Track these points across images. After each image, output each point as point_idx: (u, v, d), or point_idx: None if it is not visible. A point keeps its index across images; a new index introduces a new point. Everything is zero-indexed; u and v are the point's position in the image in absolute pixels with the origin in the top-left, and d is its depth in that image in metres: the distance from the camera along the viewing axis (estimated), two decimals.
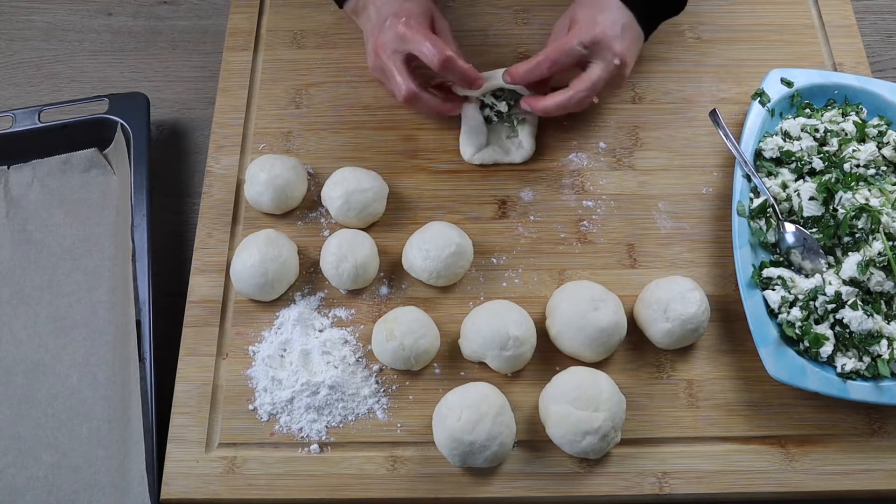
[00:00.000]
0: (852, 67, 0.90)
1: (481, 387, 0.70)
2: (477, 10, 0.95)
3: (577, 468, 0.70)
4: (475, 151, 0.84)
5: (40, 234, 0.83)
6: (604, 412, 0.67)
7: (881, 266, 0.72)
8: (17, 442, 0.73)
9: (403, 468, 0.71)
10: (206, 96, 0.93)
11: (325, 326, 0.76)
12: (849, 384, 0.70)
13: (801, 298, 0.73)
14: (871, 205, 0.74)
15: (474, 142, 0.84)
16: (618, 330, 0.73)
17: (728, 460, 0.71)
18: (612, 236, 0.81)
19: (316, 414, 0.72)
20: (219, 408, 0.73)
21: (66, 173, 0.86)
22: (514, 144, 0.85)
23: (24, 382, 0.76)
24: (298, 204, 0.83)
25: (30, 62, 0.97)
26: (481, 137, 0.84)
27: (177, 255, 0.84)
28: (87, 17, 1.01)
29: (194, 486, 0.70)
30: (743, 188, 0.79)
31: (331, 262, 0.76)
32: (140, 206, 0.81)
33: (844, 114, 0.83)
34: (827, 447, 0.72)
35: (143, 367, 0.73)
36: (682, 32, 0.94)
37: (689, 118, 0.88)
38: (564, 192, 0.84)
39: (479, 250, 0.80)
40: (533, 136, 0.85)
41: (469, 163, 0.85)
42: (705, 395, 0.74)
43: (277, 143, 0.87)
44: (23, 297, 0.80)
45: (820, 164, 0.79)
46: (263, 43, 0.93)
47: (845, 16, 0.94)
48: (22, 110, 0.87)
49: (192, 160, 0.91)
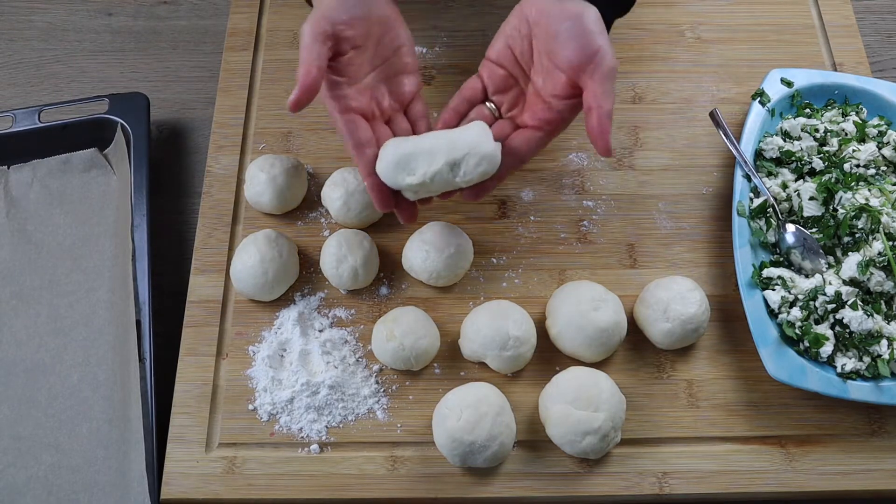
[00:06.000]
0: (852, 67, 0.90)
1: (481, 387, 0.70)
2: (477, 10, 0.95)
3: (577, 468, 0.70)
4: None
5: (40, 234, 0.83)
6: (604, 412, 0.67)
7: (881, 266, 0.72)
8: (17, 442, 0.73)
9: (403, 468, 0.71)
10: (206, 96, 0.93)
11: (325, 326, 0.76)
12: (849, 384, 0.70)
13: (801, 298, 0.73)
14: (871, 205, 0.74)
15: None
16: (618, 330, 0.73)
17: (728, 460, 0.71)
18: (612, 236, 0.81)
19: (316, 414, 0.72)
20: (219, 408, 0.73)
21: (66, 173, 0.86)
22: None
23: (24, 382, 0.76)
24: (298, 204, 0.83)
25: (30, 62, 0.97)
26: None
27: (177, 255, 0.84)
28: (87, 17, 1.01)
29: (194, 486, 0.70)
30: (743, 188, 0.79)
31: (331, 262, 0.76)
32: (140, 206, 0.81)
33: (844, 114, 0.83)
34: (827, 447, 0.72)
35: (143, 367, 0.73)
36: (682, 32, 0.94)
37: (689, 118, 0.88)
38: (564, 192, 0.84)
39: (479, 250, 0.80)
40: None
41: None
42: (705, 395, 0.74)
43: (277, 143, 0.87)
44: (23, 297, 0.80)
45: (820, 164, 0.79)
46: (263, 43, 0.93)
47: (845, 16, 0.94)
48: (22, 110, 0.87)
49: (192, 160, 0.91)
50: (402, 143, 0.68)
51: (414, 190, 0.68)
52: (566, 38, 0.65)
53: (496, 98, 0.72)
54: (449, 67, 0.91)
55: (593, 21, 0.65)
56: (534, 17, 0.68)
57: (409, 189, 0.68)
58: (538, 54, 0.69)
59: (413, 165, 0.66)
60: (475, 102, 0.73)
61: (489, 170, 0.67)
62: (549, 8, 0.67)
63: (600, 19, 0.66)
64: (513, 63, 0.71)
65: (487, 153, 0.66)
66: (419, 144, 0.67)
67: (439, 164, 0.66)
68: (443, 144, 0.67)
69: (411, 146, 0.67)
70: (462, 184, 0.68)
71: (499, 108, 0.72)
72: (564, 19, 0.66)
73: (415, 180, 0.67)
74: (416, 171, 0.66)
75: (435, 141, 0.67)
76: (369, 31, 0.68)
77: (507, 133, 0.70)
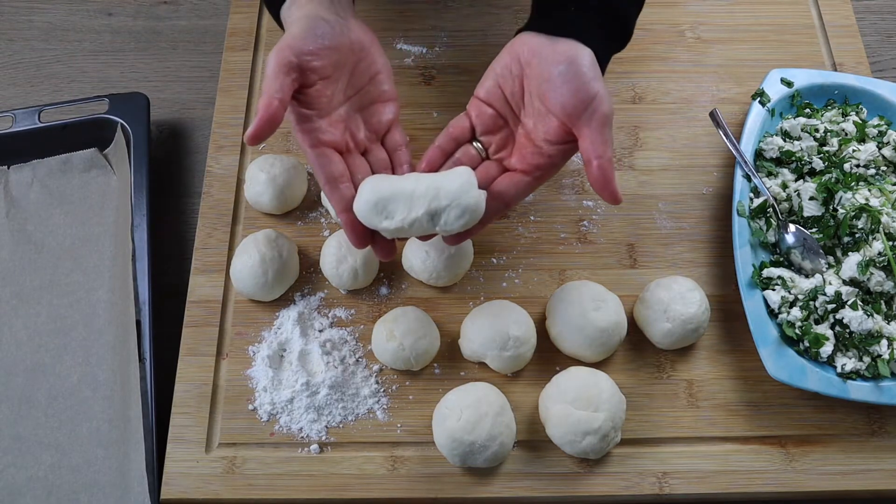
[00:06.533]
0: (852, 67, 0.90)
1: (481, 387, 0.70)
2: (477, 10, 0.95)
3: (577, 468, 0.70)
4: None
5: (40, 234, 0.83)
6: (604, 412, 0.67)
7: (881, 266, 0.72)
8: (17, 442, 0.73)
9: (403, 468, 0.71)
10: (206, 96, 0.93)
11: (324, 326, 0.76)
12: (849, 384, 0.70)
13: (801, 298, 0.73)
14: (871, 205, 0.74)
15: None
16: (618, 330, 0.73)
17: (728, 460, 0.71)
18: (612, 236, 0.81)
19: (316, 414, 0.72)
20: (219, 408, 0.73)
21: (66, 173, 0.86)
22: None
23: (24, 382, 0.76)
24: (298, 204, 0.83)
25: (30, 62, 0.97)
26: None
27: (177, 255, 0.84)
28: (87, 17, 1.01)
29: (194, 486, 0.70)
30: (743, 188, 0.79)
31: (331, 262, 0.76)
32: (140, 206, 0.81)
33: (844, 114, 0.83)
34: (827, 447, 0.72)
35: (143, 367, 0.73)
36: (682, 32, 0.94)
37: (689, 118, 0.88)
38: (564, 192, 0.84)
39: (479, 250, 0.80)
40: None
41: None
42: (705, 395, 0.74)
43: (277, 143, 0.87)
44: (23, 297, 0.80)
45: (820, 164, 0.79)
46: (263, 43, 0.93)
47: (845, 16, 0.94)
48: (22, 110, 0.87)
49: (192, 160, 0.91)
50: (380, 184, 0.64)
51: (391, 232, 0.64)
52: (560, 83, 0.62)
53: (484, 138, 0.69)
54: (449, 67, 0.91)
55: (588, 65, 0.62)
56: (525, 56, 0.65)
57: (385, 231, 0.64)
58: (529, 96, 0.65)
59: (391, 209, 0.63)
60: (462, 141, 0.69)
61: (471, 221, 0.63)
62: (541, 49, 0.63)
63: (595, 63, 0.62)
64: (502, 103, 0.68)
65: (470, 205, 0.62)
66: (400, 187, 0.63)
67: (419, 213, 0.62)
68: (424, 190, 0.63)
69: (390, 188, 0.63)
70: (442, 233, 0.65)
71: (486, 148, 0.69)
72: (558, 62, 0.62)
73: (392, 225, 0.63)
74: (395, 216, 0.63)
75: (416, 185, 0.63)
76: (340, 60, 0.65)
77: (493, 175, 0.67)
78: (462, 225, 0.63)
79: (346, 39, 0.65)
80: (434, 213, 0.63)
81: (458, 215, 0.63)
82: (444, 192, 0.63)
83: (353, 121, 0.67)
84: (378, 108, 0.69)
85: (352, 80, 0.67)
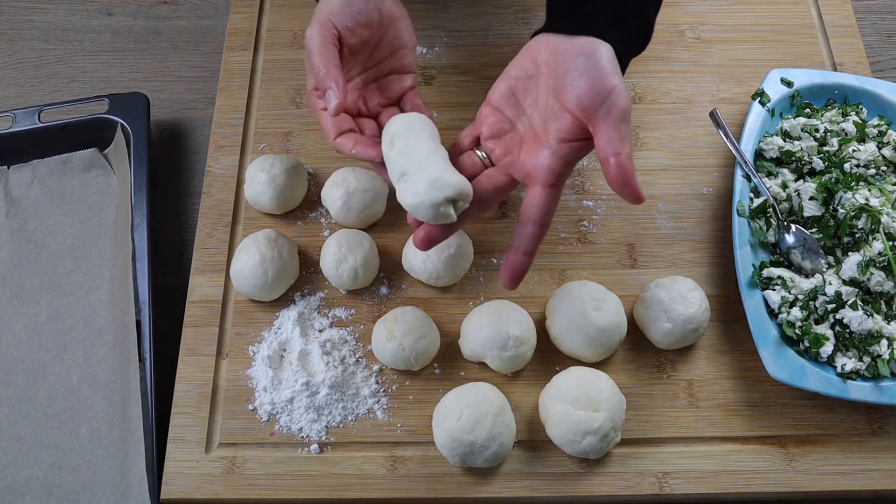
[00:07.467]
0: (852, 67, 0.90)
1: (481, 387, 0.70)
2: (477, 10, 0.95)
3: (577, 468, 0.70)
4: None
5: (40, 234, 0.83)
6: (604, 412, 0.67)
7: (881, 266, 0.72)
8: (17, 442, 0.73)
9: (403, 468, 0.71)
10: (206, 96, 0.93)
11: (324, 326, 0.76)
12: (849, 384, 0.70)
13: (801, 298, 0.73)
14: (871, 205, 0.74)
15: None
16: (618, 330, 0.73)
17: (728, 460, 0.71)
18: (612, 236, 0.81)
19: (316, 414, 0.72)
20: (219, 408, 0.73)
21: (66, 173, 0.86)
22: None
23: (24, 382, 0.76)
24: (298, 204, 0.83)
25: (30, 62, 0.97)
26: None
27: (177, 255, 0.84)
28: (87, 17, 1.01)
29: (194, 486, 0.70)
30: (743, 188, 0.79)
31: (331, 262, 0.76)
32: (140, 206, 0.81)
33: (844, 114, 0.83)
34: (827, 447, 0.72)
35: (143, 367, 0.73)
36: (682, 32, 0.94)
37: (689, 118, 0.88)
38: (564, 192, 0.83)
39: (479, 250, 0.80)
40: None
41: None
42: (705, 395, 0.74)
43: (277, 143, 0.87)
44: (23, 297, 0.80)
45: (820, 164, 0.79)
46: (263, 43, 0.93)
47: (845, 16, 0.94)
48: (22, 110, 0.87)
49: (192, 160, 0.91)
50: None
51: (390, 160, 0.63)
52: (577, 76, 0.59)
53: (489, 143, 0.66)
54: (449, 67, 0.91)
55: (607, 58, 0.59)
56: (543, 56, 0.62)
57: (387, 159, 0.63)
58: (545, 96, 0.63)
59: (400, 146, 0.63)
60: (468, 149, 0.67)
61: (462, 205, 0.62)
62: (560, 46, 0.61)
63: (614, 57, 0.60)
64: (514, 105, 0.66)
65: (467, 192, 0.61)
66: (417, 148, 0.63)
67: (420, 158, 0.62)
68: (433, 175, 0.61)
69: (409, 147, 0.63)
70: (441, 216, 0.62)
71: (489, 155, 0.66)
72: (576, 55, 0.60)
73: (392, 153, 0.63)
74: (397, 146, 0.63)
75: (433, 158, 0.62)
76: (369, 37, 0.66)
77: (499, 184, 0.65)
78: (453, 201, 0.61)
79: (377, 15, 0.66)
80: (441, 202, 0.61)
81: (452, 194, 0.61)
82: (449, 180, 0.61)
83: (369, 90, 0.69)
84: (395, 79, 0.70)
85: (374, 54, 0.69)
